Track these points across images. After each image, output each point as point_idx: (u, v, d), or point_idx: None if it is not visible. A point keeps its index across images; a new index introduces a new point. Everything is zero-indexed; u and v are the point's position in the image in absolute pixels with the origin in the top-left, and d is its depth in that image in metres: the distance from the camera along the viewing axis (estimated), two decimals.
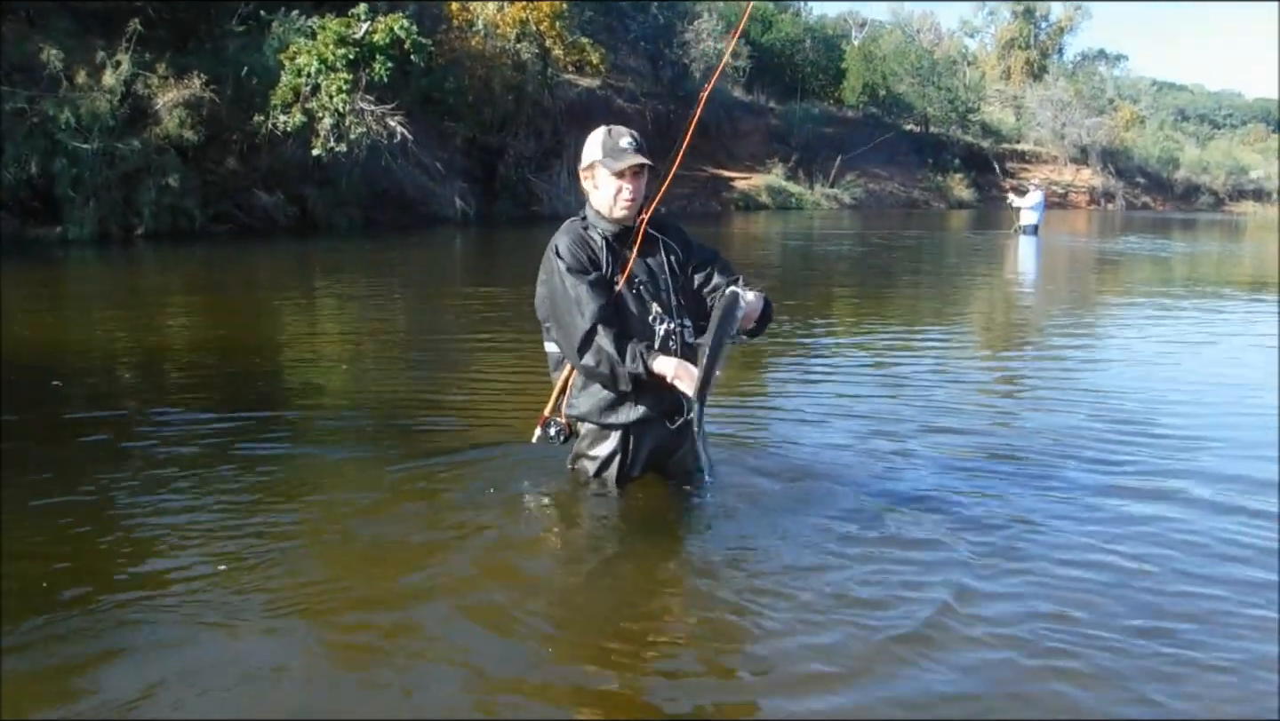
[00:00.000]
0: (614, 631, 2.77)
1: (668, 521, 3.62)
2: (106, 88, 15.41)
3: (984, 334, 8.87)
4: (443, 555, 3.23)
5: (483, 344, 7.33)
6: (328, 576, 3.07)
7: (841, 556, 3.24)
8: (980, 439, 4.79)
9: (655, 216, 3.58)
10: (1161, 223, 34.13)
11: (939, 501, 3.81)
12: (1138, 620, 2.87)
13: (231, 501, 3.67)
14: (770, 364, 6.61)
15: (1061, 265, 16.73)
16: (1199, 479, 4.16)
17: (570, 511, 3.67)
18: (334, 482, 3.95)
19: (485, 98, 22.12)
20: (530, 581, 3.10)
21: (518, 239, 19.04)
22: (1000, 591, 3.03)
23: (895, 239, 21.21)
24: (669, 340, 3.43)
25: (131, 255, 14.08)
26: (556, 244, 3.49)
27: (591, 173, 3.50)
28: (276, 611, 2.81)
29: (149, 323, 8.15)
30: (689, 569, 3.24)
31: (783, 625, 2.78)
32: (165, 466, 4.06)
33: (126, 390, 5.79)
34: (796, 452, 4.42)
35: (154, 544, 3.29)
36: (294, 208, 18.12)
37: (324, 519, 3.55)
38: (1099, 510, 3.77)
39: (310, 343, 7.46)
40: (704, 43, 32.71)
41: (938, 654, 2.63)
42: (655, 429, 3.54)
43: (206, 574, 3.03)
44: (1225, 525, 3.63)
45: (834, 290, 12.04)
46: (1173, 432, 4.94)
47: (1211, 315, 10.00)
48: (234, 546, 3.24)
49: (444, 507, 3.67)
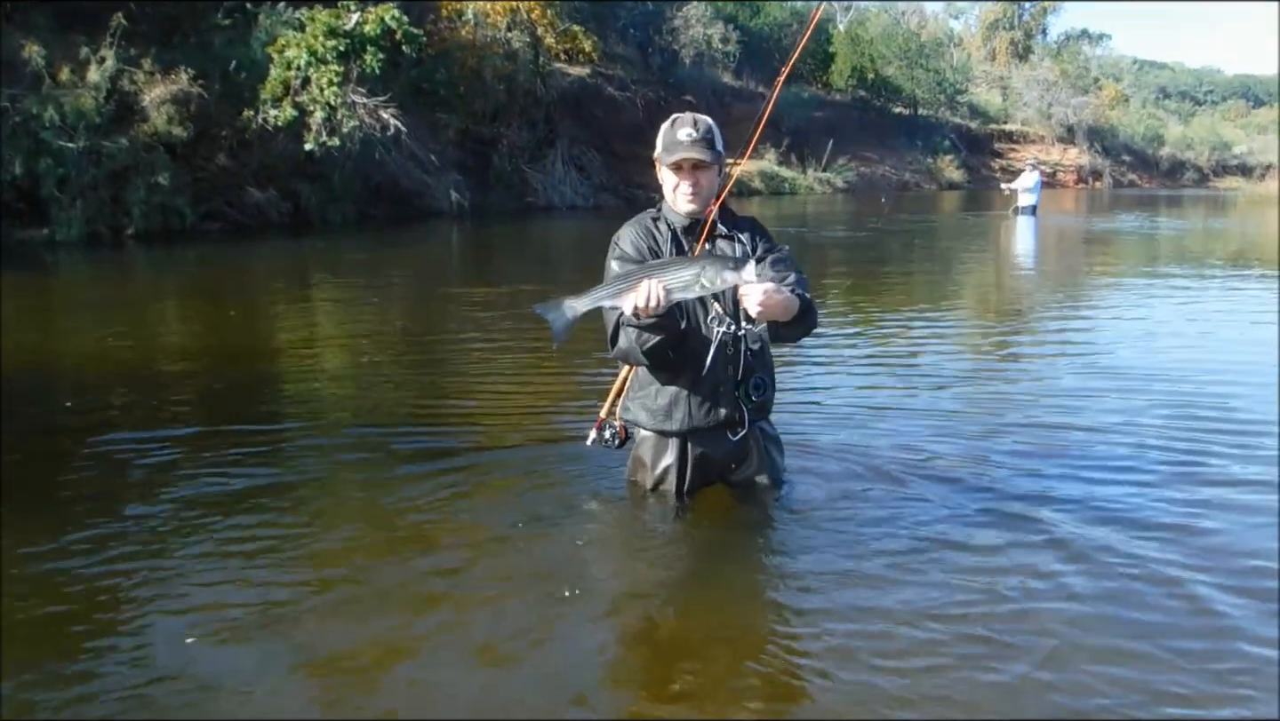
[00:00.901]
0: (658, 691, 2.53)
1: (728, 540, 3.35)
2: (91, 84, 15.02)
3: (1032, 326, 8.68)
4: (467, 600, 2.88)
5: (484, 346, 7.02)
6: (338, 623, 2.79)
7: (921, 576, 3.01)
8: (1051, 435, 4.58)
9: (734, 212, 3.42)
10: (1154, 200, 34.13)
11: (1019, 506, 3.58)
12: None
13: (232, 550, 3.24)
14: (811, 358, 6.38)
15: (1073, 246, 16.57)
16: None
17: (626, 532, 3.44)
18: (350, 512, 3.59)
19: (477, 88, 21.80)
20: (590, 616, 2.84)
21: (514, 232, 18.78)
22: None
23: (894, 222, 21.00)
24: (726, 346, 3.22)
25: (122, 257, 13.71)
26: (621, 233, 3.36)
27: (658, 165, 3.34)
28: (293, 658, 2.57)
29: (142, 331, 7.82)
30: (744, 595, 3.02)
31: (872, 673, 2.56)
32: (161, 495, 3.72)
33: (121, 406, 5.38)
34: (861, 456, 4.17)
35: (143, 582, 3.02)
36: (287, 204, 17.78)
37: (339, 559, 3.18)
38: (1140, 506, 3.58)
39: (308, 350, 7.09)
40: (693, 29, 32.43)
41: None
42: (716, 440, 3.36)
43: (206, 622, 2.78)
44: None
45: (843, 277, 11.81)
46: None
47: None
48: (235, 594, 2.92)
49: (476, 530, 3.40)
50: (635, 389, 3.41)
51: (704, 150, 3.19)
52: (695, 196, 3.24)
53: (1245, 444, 4.38)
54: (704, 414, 3.27)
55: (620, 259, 3.25)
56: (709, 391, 3.25)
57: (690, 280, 2.90)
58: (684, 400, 3.27)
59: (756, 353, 3.31)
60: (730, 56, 35.33)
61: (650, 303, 2.90)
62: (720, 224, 3.31)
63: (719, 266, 2.89)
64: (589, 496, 3.67)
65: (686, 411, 3.28)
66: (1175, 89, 77.75)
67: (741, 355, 3.26)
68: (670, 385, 3.29)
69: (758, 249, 3.30)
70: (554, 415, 4.90)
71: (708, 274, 2.89)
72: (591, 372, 5.55)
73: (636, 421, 3.41)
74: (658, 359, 3.17)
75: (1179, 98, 75.86)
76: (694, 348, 3.21)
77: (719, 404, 3.27)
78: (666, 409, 3.30)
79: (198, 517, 3.48)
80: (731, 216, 3.37)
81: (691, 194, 3.24)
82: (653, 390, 3.33)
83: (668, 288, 2.91)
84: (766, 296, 2.90)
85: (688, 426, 3.30)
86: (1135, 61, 73.08)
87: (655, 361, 3.19)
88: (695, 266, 2.92)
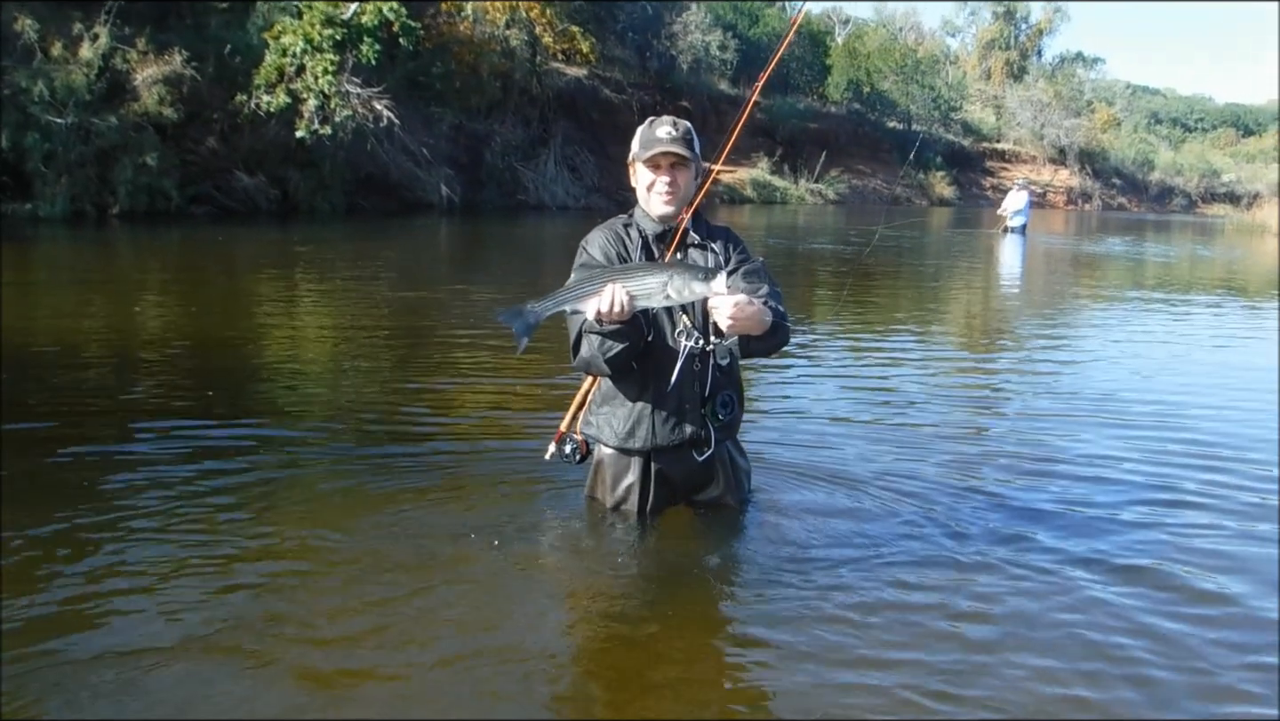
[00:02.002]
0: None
1: (686, 563, 3.27)
2: (83, 61, 14.93)
3: (1009, 342, 8.71)
4: (432, 607, 2.85)
5: (460, 347, 6.98)
6: (308, 624, 2.76)
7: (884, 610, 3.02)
8: (1023, 455, 4.58)
9: (709, 223, 3.34)
10: (1142, 224, 34.33)
11: (989, 527, 3.58)
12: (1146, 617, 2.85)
13: (204, 540, 3.23)
14: (792, 369, 6.38)
15: (1060, 267, 16.66)
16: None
17: (584, 550, 3.36)
18: (320, 515, 3.49)
19: (473, 84, 21.73)
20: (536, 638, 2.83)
21: (503, 231, 18.71)
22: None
23: (887, 239, 21.05)
24: (693, 360, 3.11)
25: (105, 236, 13.62)
26: (589, 238, 3.24)
27: (633, 167, 3.24)
28: (256, 654, 2.56)
29: (123, 314, 7.75)
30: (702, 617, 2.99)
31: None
32: (135, 490, 3.68)
33: (98, 394, 5.32)
34: (829, 478, 4.15)
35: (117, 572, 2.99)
36: (276, 191, 17.70)
37: (304, 560, 3.15)
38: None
39: (289, 344, 7.01)
40: (691, 35, 32.46)
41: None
42: (680, 459, 3.24)
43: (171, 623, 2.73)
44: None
45: (829, 292, 11.83)
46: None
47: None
48: (197, 593, 2.89)
49: (436, 544, 3.27)
50: (597, 402, 3.29)
51: (683, 147, 3.10)
52: (671, 196, 3.13)
53: (1216, 465, 4.49)
54: (668, 431, 3.16)
55: (584, 265, 3.14)
56: (674, 408, 3.14)
57: (656, 288, 2.78)
58: (648, 416, 3.15)
59: (725, 369, 3.20)
60: (728, 64, 35.39)
61: (614, 308, 2.79)
62: (693, 232, 3.21)
63: (688, 276, 2.77)
64: (549, 512, 3.58)
65: (650, 429, 3.16)
66: (1167, 115, 78.21)
67: (709, 371, 3.16)
68: (634, 400, 3.17)
69: (731, 259, 3.20)
70: (522, 424, 4.82)
71: (675, 283, 2.77)
72: (568, 379, 5.53)
73: (598, 437, 3.28)
74: (620, 368, 3.06)
75: (1170, 124, 76.32)
76: (659, 361, 3.09)
77: (684, 421, 3.16)
78: (629, 425, 3.18)
79: (151, 518, 3.39)
80: (705, 225, 3.29)
81: (668, 192, 3.13)
82: (615, 405, 3.21)
83: (632, 294, 2.79)
84: (737, 310, 2.78)
85: (651, 445, 3.18)
86: (1128, 86, 73.45)
87: (618, 371, 3.08)
88: (664, 274, 2.80)
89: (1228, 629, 2.91)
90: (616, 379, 3.17)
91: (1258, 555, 3.48)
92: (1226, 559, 3.43)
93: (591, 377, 3.32)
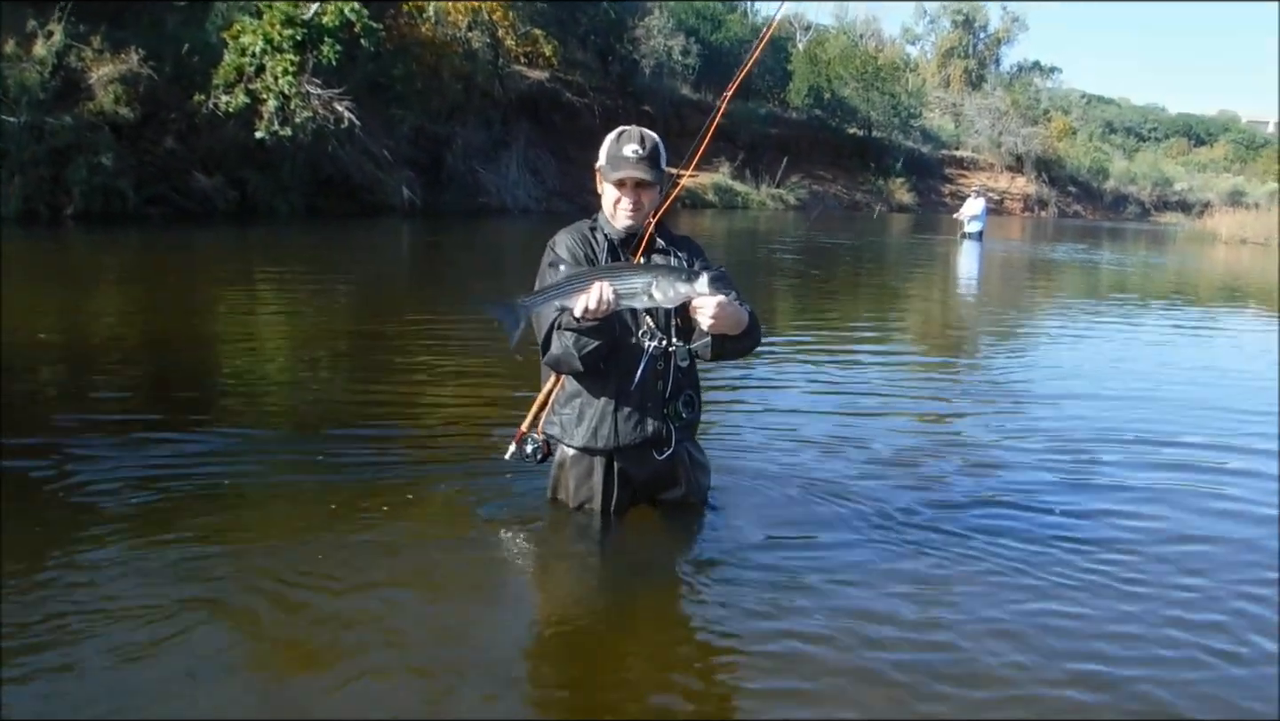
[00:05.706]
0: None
1: (649, 560, 3.33)
2: (36, 58, 14.67)
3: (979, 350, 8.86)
4: (395, 611, 2.85)
5: (418, 349, 6.99)
6: (265, 636, 2.75)
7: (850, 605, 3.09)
8: (977, 459, 4.69)
9: (671, 230, 3.41)
10: (1098, 231, 34.97)
11: (947, 525, 3.67)
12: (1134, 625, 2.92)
13: (150, 561, 3.11)
14: (749, 377, 6.45)
15: (1016, 274, 16.95)
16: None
17: (548, 551, 3.39)
18: (277, 527, 3.46)
19: (434, 85, 21.61)
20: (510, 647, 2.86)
21: (465, 234, 18.64)
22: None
23: (846, 246, 21.28)
24: (656, 361, 3.20)
25: (59, 236, 13.39)
26: (557, 239, 3.31)
27: (599, 176, 3.31)
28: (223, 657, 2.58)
29: (75, 317, 7.63)
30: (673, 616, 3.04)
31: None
32: (87, 504, 3.58)
33: (47, 402, 5.23)
34: (787, 479, 4.22)
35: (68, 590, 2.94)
36: (234, 192, 17.44)
37: (264, 574, 3.06)
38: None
39: (246, 348, 6.89)
40: (654, 39, 32.51)
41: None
42: (642, 458, 3.32)
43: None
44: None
45: (786, 300, 11.96)
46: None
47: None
48: (154, 599, 2.85)
49: (398, 548, 3.27)
50: (560, 402, 3.35)
51: (648, 170, 3.19)
52: (635, 214, 3.24)
53: (1180, 461, 4.76)
54: (631, 429, 3.23)
55: (553, 264, 3.21)
56: (636, 406, 3.22)
57: (641, 288, 2.87)
58: (611, 415, 3.23)
59: (685, 370, 3.31)
60: (690, 69, 35.48)
61: (600, 306, 2.88)
62: (658, 238, 3.30)
63: (672, 278, 2.87)
64: (512, 514, 3.60)
65: (613, 428, 3.23)
66: (1121, 124, 79.58)
67: (671, 371, 3.25)
68: (597, 398, 3.24)
69: (694, 265, 3.27)
70: (483, 426, 4.77)
71: (660, 285, 2.86)
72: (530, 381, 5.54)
73: (560, 437, 3.34)
74: (591, 366, 3.13)
75: (1124, 133, 77.66)
76: (623, 361, 3.18)
77: (646, 419, 3.24)
78: (593, 424, 3.25)
79: (108, 523, 3.36)
80: (668, 233, 3.37)
81: (631, 211, 3.23)
82: (578, 404, 3.28)
83: (618, 292, 2.88)
84: (720, 309, 2.91)
85: (613, 444, 3.25)
86: (1084, 95, 74.78)
87: (589, 368, 3.15)
88: (648, 275, 2.89)
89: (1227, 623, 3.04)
90: (581, 378, 3.23)
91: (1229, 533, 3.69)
92: (1209, 543, 3.64)
93: (554, 378, 3.37)
